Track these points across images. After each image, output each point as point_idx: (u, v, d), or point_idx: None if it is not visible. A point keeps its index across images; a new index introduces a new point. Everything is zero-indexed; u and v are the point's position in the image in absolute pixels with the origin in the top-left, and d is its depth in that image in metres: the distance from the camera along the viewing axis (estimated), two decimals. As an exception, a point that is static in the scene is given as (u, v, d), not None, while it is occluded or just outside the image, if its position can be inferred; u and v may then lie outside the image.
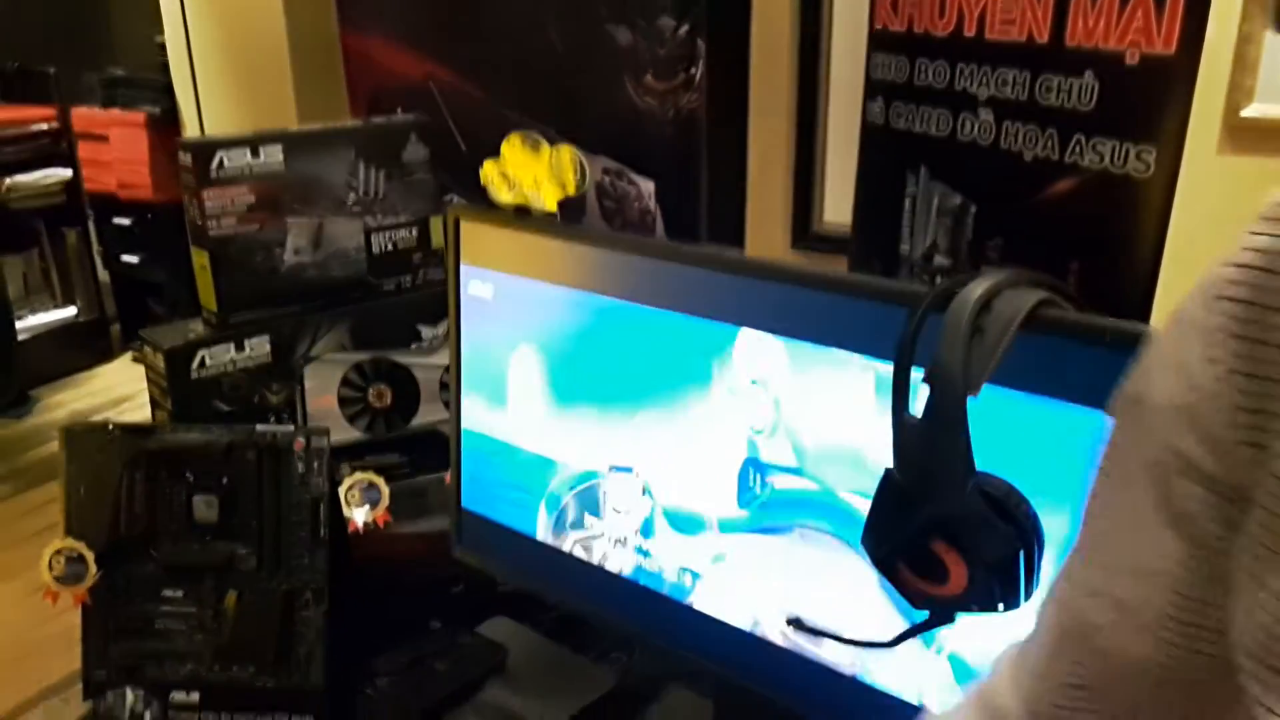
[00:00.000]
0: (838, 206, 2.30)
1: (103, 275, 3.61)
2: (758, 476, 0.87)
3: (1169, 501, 0.44)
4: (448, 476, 1.18)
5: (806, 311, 0.81)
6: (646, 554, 0.97)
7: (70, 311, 3.51)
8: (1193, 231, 1.08)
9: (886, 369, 0.69)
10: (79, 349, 3.48)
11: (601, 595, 1.01)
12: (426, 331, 1.29)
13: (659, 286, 0.89)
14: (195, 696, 1.06)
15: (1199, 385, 0.42)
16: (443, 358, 1.27)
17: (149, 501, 1.06)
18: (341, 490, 1.17)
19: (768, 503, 0.87)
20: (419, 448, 1.29)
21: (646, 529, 0.96)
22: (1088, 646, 0.49)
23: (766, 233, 1.91)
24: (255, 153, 1.17)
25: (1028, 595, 0.68)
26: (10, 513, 2.96)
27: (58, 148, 3.34)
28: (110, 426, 1.07)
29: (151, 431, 1.07)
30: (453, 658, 1.12)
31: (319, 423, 1.20)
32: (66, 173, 3.38)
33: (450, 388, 1.13)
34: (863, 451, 0.80)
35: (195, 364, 1.15)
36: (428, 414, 1.29)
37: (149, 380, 1.21)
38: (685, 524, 0.93)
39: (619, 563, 0.99)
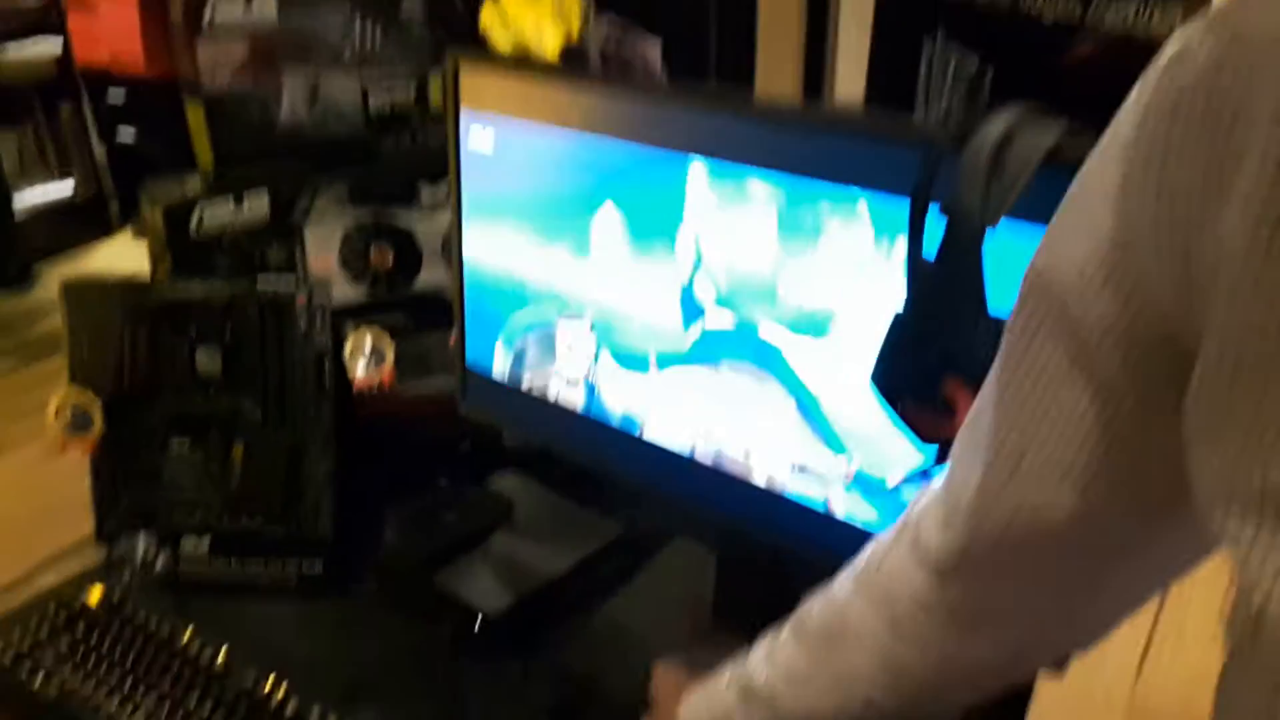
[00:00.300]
0: (850, 76, 2.25)
1: (99, 152, 3.56)
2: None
3: (1082, 358, 0.44)
4: (452, 337, 1.18)
5: (816, 151, 0.79)
6: (643, 403, 0.98)
7: (67, 187, 3.47)
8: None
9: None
10: (78, 225, 3.45)
11: (606, 447, 1.02)
12: (426, 192, 1.27)
13: (660, 126, 0.87)
14: (206, 543, 1.08)
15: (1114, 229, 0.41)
16: (444, 218, 1.26)
17: (152, 355, 1.06)
18: (345, 349, 1.17)
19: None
20: (422, 309, 1.29)
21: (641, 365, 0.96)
22: (1007, 504, 0.49)
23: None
24: (248, 5, 1.14)
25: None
26: (16, 385, 2.98)
27: (47, 18, 3.25)
28: (110, 282, 1.07)
29: (151, 286, 1.07)
30: (460, 510, 1.13)
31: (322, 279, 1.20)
32: (57, 41, 3.30)
33: (451, 245, 1.12)
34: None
35: (194, 222, 1.14)
36: (430, 276, 1.28)
37: (148, 239, 1.20)
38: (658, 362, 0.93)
39: (618, 404, 1.00)
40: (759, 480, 0.91)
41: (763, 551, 0.99)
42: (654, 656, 1.00)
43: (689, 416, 0.95)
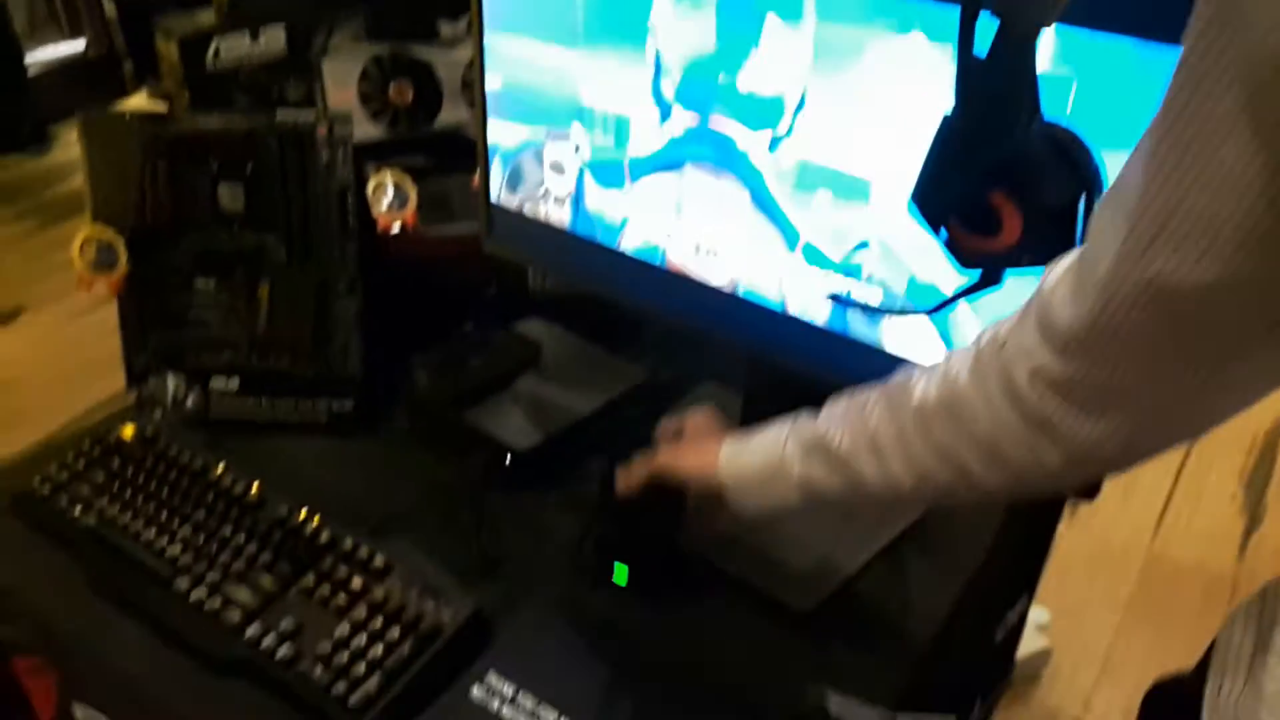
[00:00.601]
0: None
1: (109, 10, 3.48)
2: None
3: (1257, 109, 0.41)
4: (474, 179, 1.15)
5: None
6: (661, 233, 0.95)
7: (79, 45, 3.41)
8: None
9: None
10: (92, 85, 3.40)
11: (631, 279, 1.00)
12: (446, 27, 1.22)
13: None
14: (235, 383, 1.08)
15: None
16: (465, 53, 1.22)
17: (173, 190, 1.04)
18: (368, 189, 1.15)
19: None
20: (443, 149, 1.26)
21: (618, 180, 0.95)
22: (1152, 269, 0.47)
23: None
24: None
25: (1080, 246, 0.66)
26: (39, 246, 2.99)
27: None
28: (127, 115, 1.04)
29: (170, 119, 1.04)
30: (487, 352, 1.12)
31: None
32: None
33: (474, 84, 1.08)
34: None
35: (210, 53, 1.11)
36: (451, 113, 1.24)
37: (165, 74, 1.17)
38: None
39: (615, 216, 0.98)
40: (790, 308, 0.90)
41: (788, 393, 0.98)
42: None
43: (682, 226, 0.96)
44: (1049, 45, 0.67)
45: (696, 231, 0.95)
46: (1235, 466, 2.22)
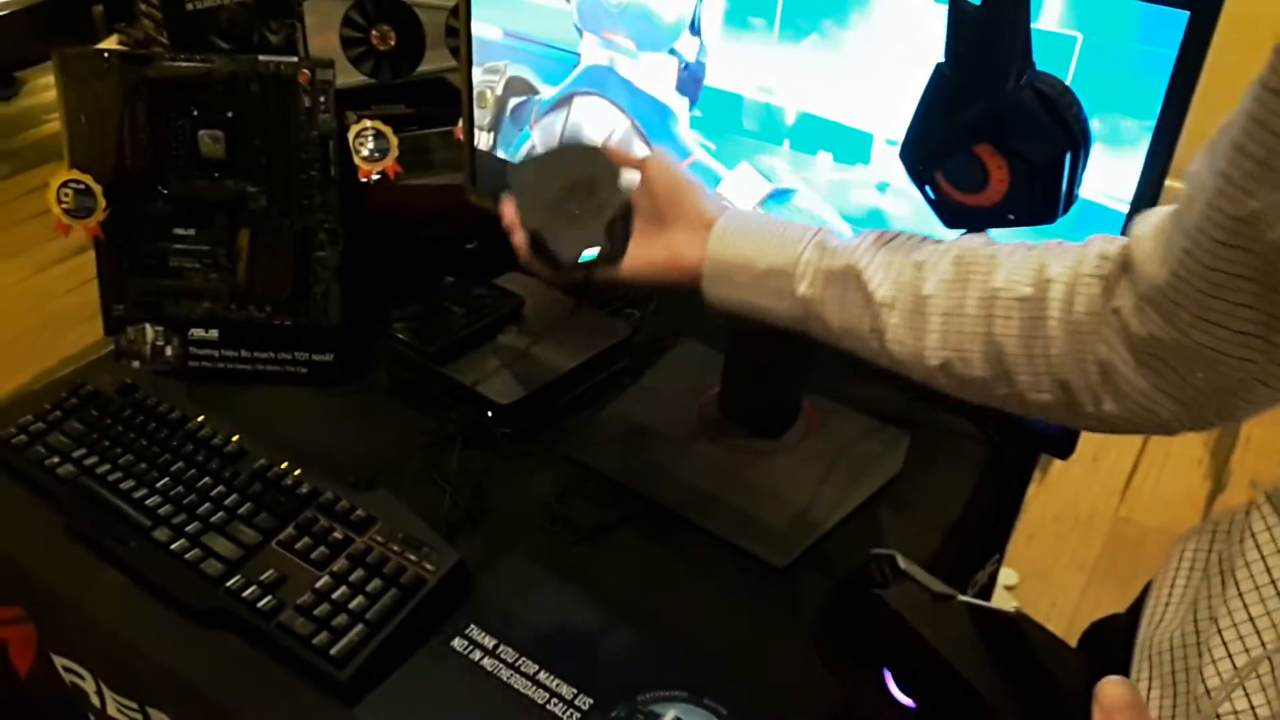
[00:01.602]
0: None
1: (78, -51, 3.38)
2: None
3: None
4: (457, 129, 1.14)
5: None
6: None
7: (47, -14, 3.32)
8: None
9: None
10: (60, 30, 3.31)
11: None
12: (431, -29, 1.20)
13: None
14: (215, 334, 1.07)
15: None
16: None
17: (153, 135, 1.02)
18: (349, 138, 1.13)
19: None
20: (426, 97, 1.25)
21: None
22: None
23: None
24: None
25: (1065, 207, 0.66)
26: (9, 193, 2.93)
27: None
28: (106, 54, 1.02)
29: (150, 59, 1.02)
30: (469, 305, 1.12)
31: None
32: None
33: (459, 30, 1.07)
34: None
35: (188, -6, 1.08)
36: (434, 60, 1.23)
37: (142, 15, 1.14)
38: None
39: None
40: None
41: (769, 349, 0.98)
42: (659, 448, 1.01)
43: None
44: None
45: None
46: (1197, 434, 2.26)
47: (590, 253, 0.74)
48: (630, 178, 0.78)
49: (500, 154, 1.07)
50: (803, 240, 0.70)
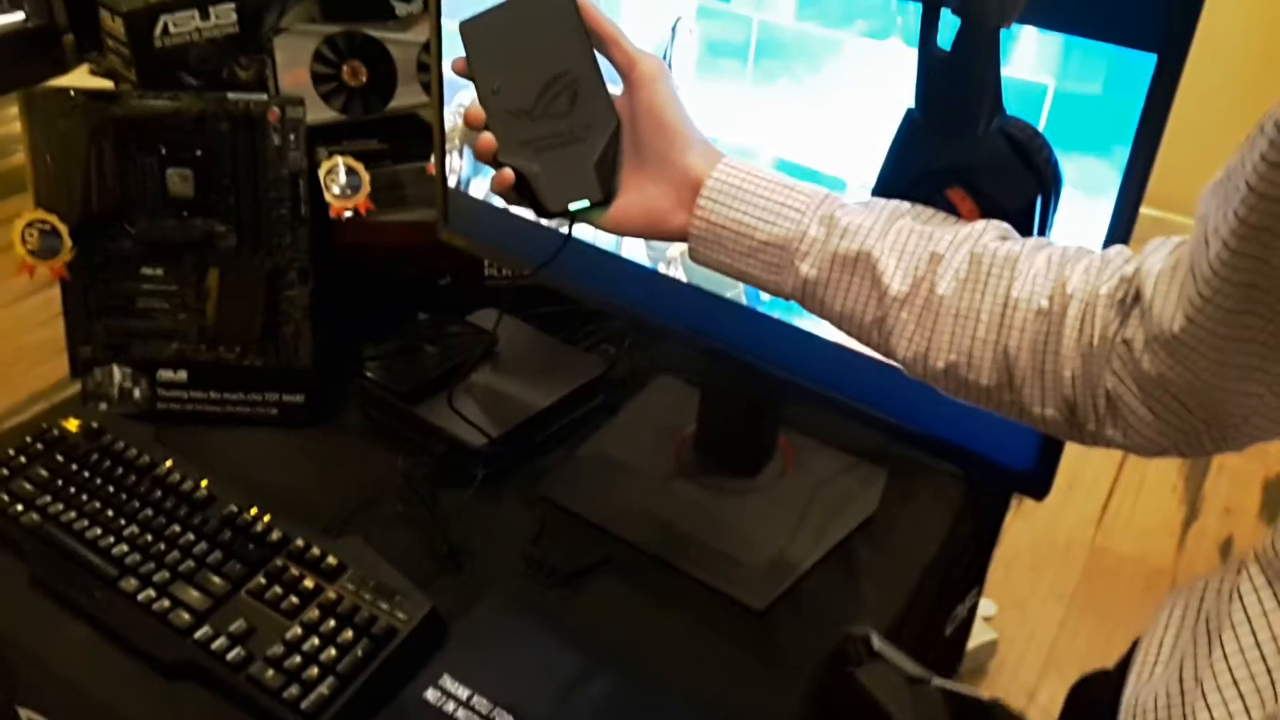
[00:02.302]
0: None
1: (49, -22, 3.37)
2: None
3: None
4: (429, 165, 1.13)
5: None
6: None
7: (18, 16, 3.29)
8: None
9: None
10: (31, 59, 3.29)
11: (591, 271, 0.99)
12: (401, 6, 1.20)
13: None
14: (183, 375, 1.05)
15: None
16: (420, 34, 1.19)
17: (120, 174, 1.01)
18: (320, 174, 1.12)
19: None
20: (398, 133, 1.24)
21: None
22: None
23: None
24: None
25: (1039, 250, 0.66)
26: (-23, 224, 2.89)
27: None
28: (72, 92, 1.00)
29: (117, 98, 1.01)
30: (442, 344, 1.11)
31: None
32: None
33: (430, 66, 1.06)
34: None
35: (158, 30, 1.08)
36: (406, 96, 1.22)
37: (110, 51, 1.13)
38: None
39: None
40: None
41: (746, 386, 0.98)
42: (636, 488, 1.00)
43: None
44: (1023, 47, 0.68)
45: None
46: (1173, 461, 2.27)
47: (580, 203, 0.69)
48: (614, 96, 0.70)
49: (473, 193, 1.07)
50: (807, 212, 0.64)
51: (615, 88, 0.70)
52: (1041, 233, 0.64)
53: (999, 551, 1.17)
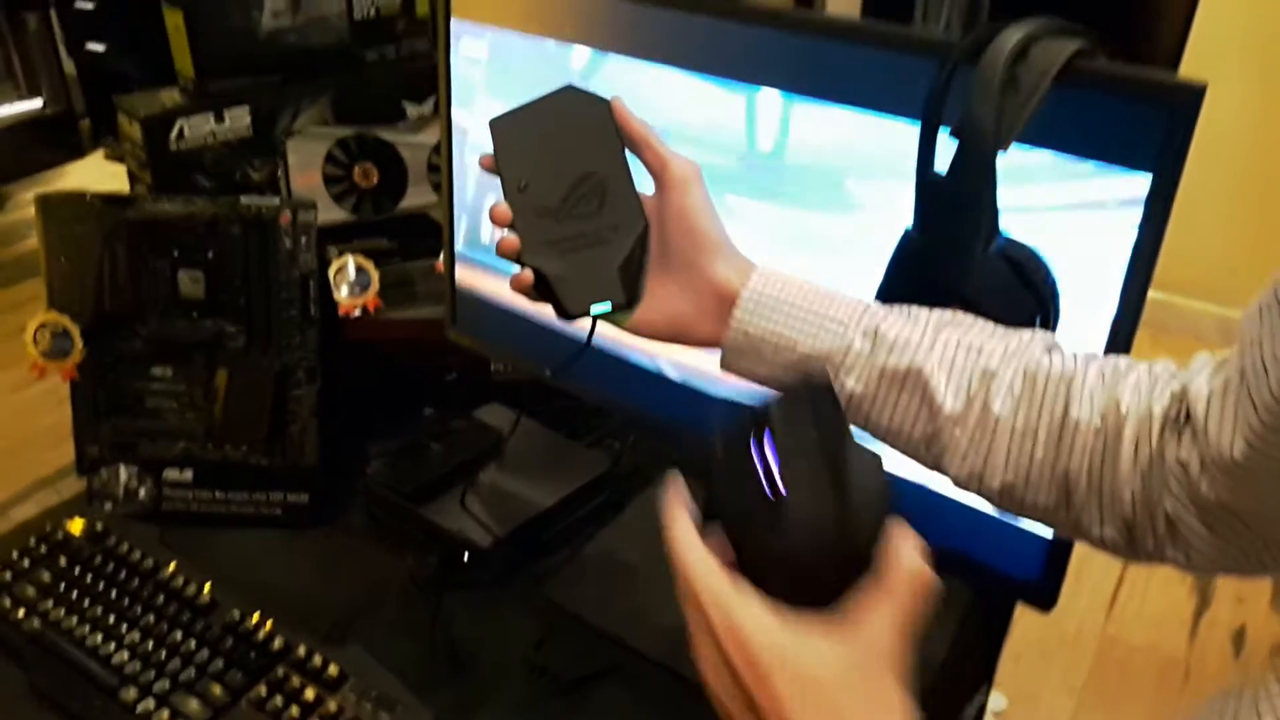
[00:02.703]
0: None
1: (68, 66, 3.45)
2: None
3: None
4: (438, 263, 1.15)
5: (827, 65, 0.76)
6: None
7: (36, 104, 3.37)
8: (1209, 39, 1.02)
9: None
10: (48, 144, 3.36)
11: (598, 373, 0.99)
12: (412, 109, 1.23)
13: (660, 38, 0.84)
14: (189, 474, 1.05)
15: None
16: (431, 136, 1.22)
17: (133, 276, 1.03)
18: (330, 273, 1.14)
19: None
20: (408, 231, 1.26)
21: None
22: None
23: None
24: (227, -95, 1.08)
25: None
26: (-10, 309, 2.93)
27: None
28: (89, 196, 1.02)
29: (131, 202, 1.03)
30: (447, 441, 1.11)
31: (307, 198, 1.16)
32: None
33: (440, 166, 1.08)
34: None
35: (174, 134, 1.10)
36: (416, 196, 1.24)
37: (126, 154, 1.16)
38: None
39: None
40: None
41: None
42: (642, 590, 0.99)
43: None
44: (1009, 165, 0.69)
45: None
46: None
47: (602, 306, 0.66)
48: (643, 197, 0.68)
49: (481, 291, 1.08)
50: (850, 324, 0.62)
51: (647, 189, 0.69)
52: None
53: (1008, 645, 1.15)
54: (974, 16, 1.20)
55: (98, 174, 3.38)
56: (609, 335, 0.92)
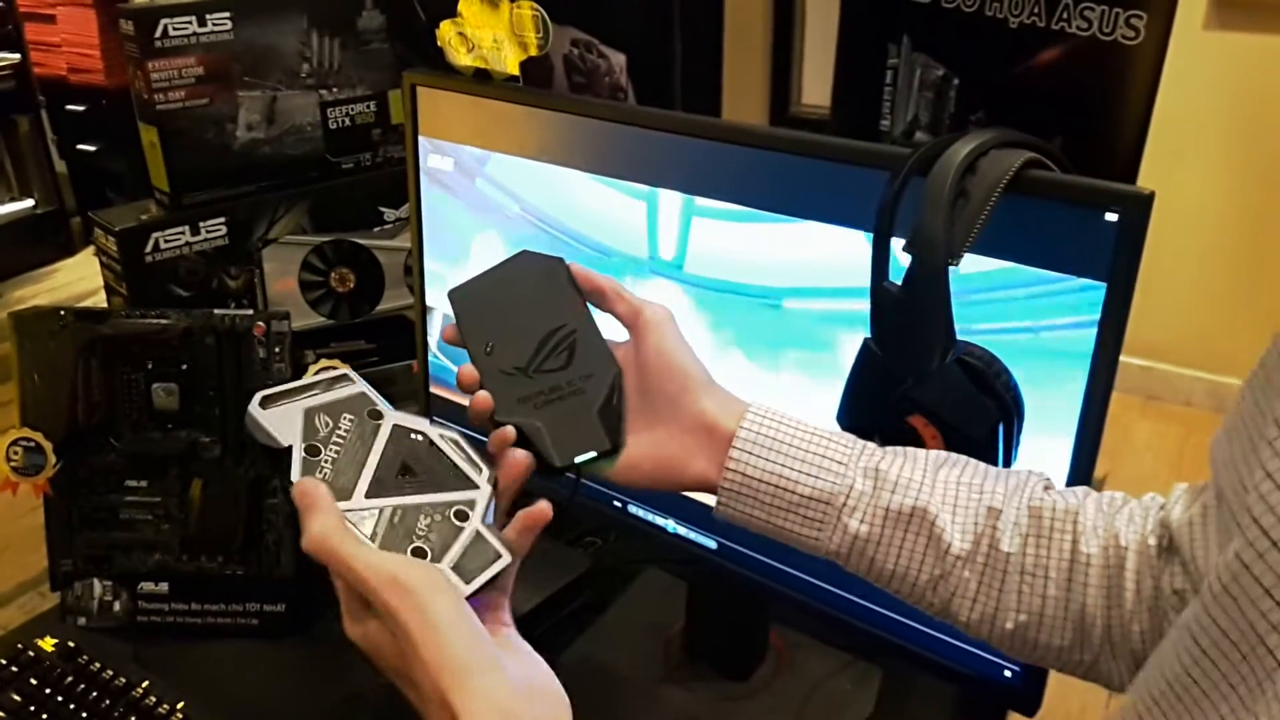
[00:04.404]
0: (816, 86, 2.23)
1: (60, 166, 3.50)
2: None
3: None
4: (415, 363, 1.15)
5: (786, 179, 0.77)
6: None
7: (28, 204, 3.41)
8: (1179, 105, 1.04)
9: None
10: (39, 243, 3.40)
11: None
12: (389, 213, 1.24)
13: (617, 154, 0.85)
14: (164, 587, 1.04)
15: None
16: (406, 240, 1.23)
17: (107, 389, 1.03)
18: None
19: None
20: (385, 334, 1.26)
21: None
22: None
23: (743, 114, 1.85)
24: (201, 21, 1.10)
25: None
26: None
27: (3, 29, 3.19)
28: (61, 312, 1.03)
29: (105, 316, 1.03)
30: (426, 543, 1.10)
31: (280, 308, 1.17)
32: (14, 56, 3.24)
33: (413, 269, 1.09)
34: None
35: (149, 247, 1.11)
36: (393, 299, 1.25)
37: (102, 265, 1.17)
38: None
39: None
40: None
41: (733, 581, 0.97)
42: (624, 697, 0.98)
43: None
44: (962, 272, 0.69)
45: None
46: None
47: (587, 455, 0.65)
48: (613, 346, 0.68)
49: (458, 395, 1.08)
50: (849, 463, 0.61)
51: (616, 338, 0.68)
52: (1008, 458, 0.65)
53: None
54: (940, 110, 1.22)
55: (89, 270, 3.41)
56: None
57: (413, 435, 0.63)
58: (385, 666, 0.58)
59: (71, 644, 0.98)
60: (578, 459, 0.65)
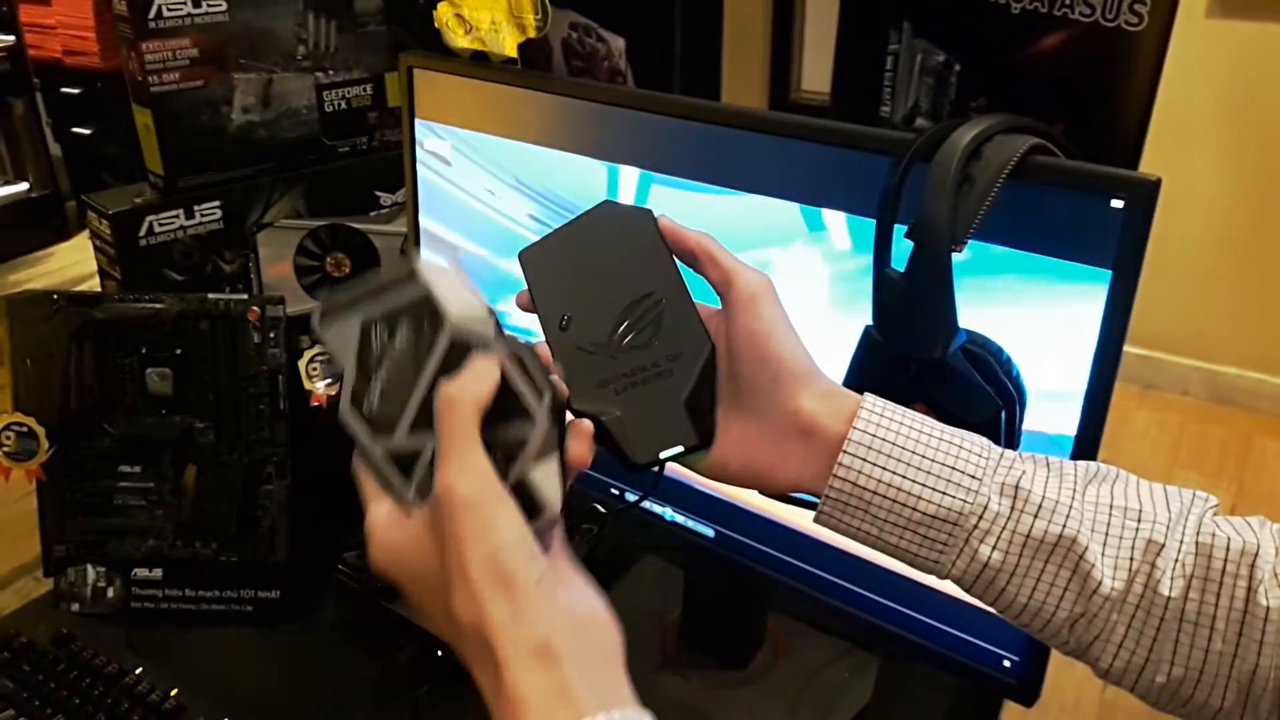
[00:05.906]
0: (816, 72, 2.22)
1: (54, 149, 3.47)
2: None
3: None
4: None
5: (792, 165, 0.76)
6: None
7: (22, 187, 3.38)
8: (1180, 93, 1.03)
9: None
10: (33, 226, 3.37)
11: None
12: (385, 198, 1.23)
13: (618, 138, 0.84)
14: (158, 573, 1.04)
15: None
16: (402, 225, 1.22)
17: (100, 374, 1.02)
18: (301, 363, 1.13)
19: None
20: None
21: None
22: None
23: (743, 99, 1.84)
24: (196, 2, 1.09)
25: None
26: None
27: (-4, 10, 3.16)
28: (54, 296, 1.02)
29: (98, 301, 1.02)
30: (422, 530, 1.09)
31: (275, 292, 1.16)
32: (9, 39, 3.21)
33: (408, 253, 1.08)
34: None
35: (143, 231, 1.10)
36: (390, 284, 1.24)
37: (96, 249, 1.15)
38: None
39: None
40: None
41: (732, 570, 0.96)
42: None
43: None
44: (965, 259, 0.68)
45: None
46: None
47: (674, 449, 0.57)
48: (707, 315, 0.58)
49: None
50: (984, 476, 0.53)
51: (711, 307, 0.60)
52: (1011, 444, 0.64)
53: (1006, 710, 1.13)
54: (941, 97, 1.21)
55: (84, 254, 3.38)
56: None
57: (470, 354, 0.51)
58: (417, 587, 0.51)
59: (65, 630, 0.97)
60: (662, 454, 0.57)
